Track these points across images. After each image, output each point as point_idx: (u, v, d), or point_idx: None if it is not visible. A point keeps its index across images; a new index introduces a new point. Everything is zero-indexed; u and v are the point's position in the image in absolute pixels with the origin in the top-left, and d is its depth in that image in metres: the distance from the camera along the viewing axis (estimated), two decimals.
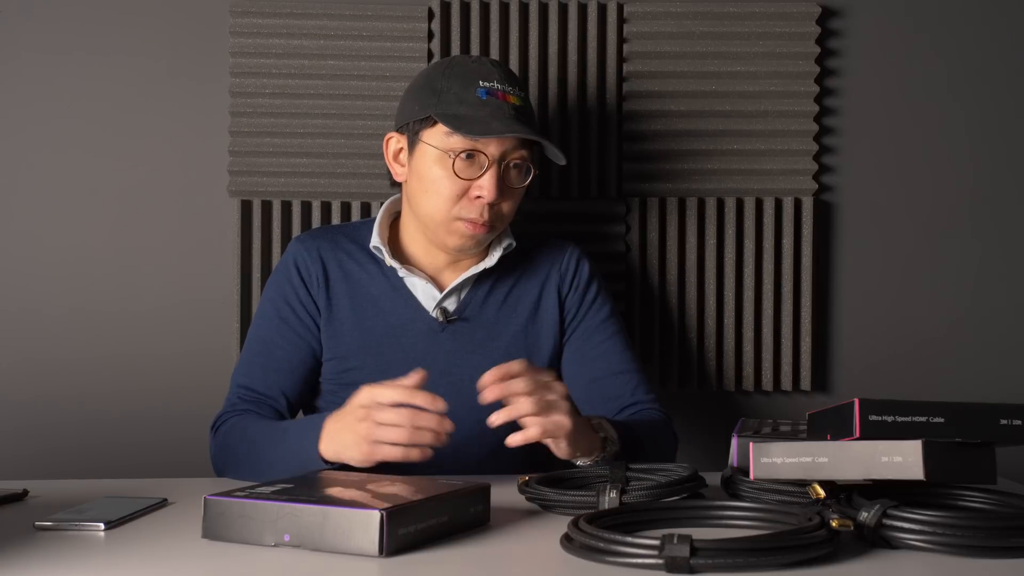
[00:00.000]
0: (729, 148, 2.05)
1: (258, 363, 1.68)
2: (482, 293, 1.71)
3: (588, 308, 1.75)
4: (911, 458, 1.14)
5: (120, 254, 2.02)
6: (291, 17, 2.00)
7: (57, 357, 2.01)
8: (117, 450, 2.00)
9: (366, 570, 1.05)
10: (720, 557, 1.01)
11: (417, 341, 1.68)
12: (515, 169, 1.63)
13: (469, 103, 1.59)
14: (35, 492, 1.42)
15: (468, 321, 1.70)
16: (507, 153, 1.60)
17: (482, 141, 1.58)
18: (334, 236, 1.74)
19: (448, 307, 1.69)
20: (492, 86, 1.61)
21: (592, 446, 1.46)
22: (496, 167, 1.59)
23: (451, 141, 1.59)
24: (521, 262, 1.74)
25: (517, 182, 1.64)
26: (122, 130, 2.02)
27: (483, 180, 1.60)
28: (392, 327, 1.68)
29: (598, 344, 1.73)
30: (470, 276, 1.69)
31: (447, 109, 1.60)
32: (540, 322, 1.73)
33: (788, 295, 2.06)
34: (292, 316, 1.69)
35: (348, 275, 1.70)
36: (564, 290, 1.75)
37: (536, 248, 1.77)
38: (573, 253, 1.78)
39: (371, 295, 1.69)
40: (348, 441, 1.38)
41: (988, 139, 2.11)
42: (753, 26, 2.05)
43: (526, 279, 1.74)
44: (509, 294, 1.73)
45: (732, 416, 2.03)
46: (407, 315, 1.69)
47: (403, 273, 1.68)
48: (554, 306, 1.74)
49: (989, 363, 2.11)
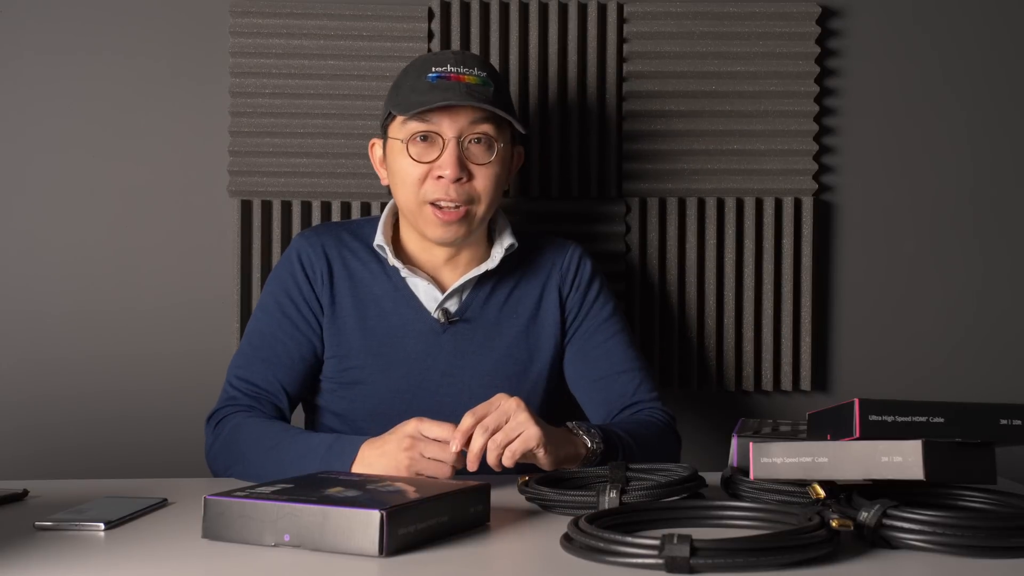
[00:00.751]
0: (729, 148, 2.05)
1: (259, 357, 1.67)
2: (484, 294, 1.71)
3: (590, 307, 1.75)
4: (911, 458, 1.14)
5: (120, 254, 2.02)
6: (291, 17, 2.00)
7: (57, 357, 2.01)
8: (117, 450, 2.00)
9: (366, 570, 1.05)
10: (720, 557, 1.01)
11: (418, 342, 1.68)
12: (476, 144, 1.62)
13: (419, 89, 1.61)
14: (35, 492, 1.42)
15: (469, 322, 1.69)
16: (464, 130, 1.61)
17: (435, 121, 1.60)
18: (338, 233, 1.74)
19: (450, 308, 1.69)
20: (444, 70, 1.62)
21: (574, 451, 1.47)
22: (454, 144, 1.60)
23: (406, 128, 1.62)
24: (523, 263, 1.74)
25: (482, 158, 1.63)
26: (122, 130, 2.02)
27: (442, 159, 1.60)
28: (394, 327, 1.68)
29: (600, 343, 1.73)
30: (472, 277, 1.69)
31: (400, 99, 1.63)
32: (541, 323, 1.73)
33: (788, 295, 2.06)
34: (295, 311, 1.68)
35: (352, 273, 1.70)
36: (565, 290, 1.75)
37: (537, 248, 1.77)
38: (575, 252, 1.78)
39: (374, 294, 1.69)
40: (386, 466, 1.39)
41: (988, 139, 2.11)
42: (753, 26, 2.05)
43: (527, 280, 1.74)
44: (510, 295, 1.72)
45: (732, 416, 2.03)
46: (409, 316, 1.69)
47: (405, 273, 1.68)
48: (555, 306, 1.74)
49: (989, 363, 2.11)
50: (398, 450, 1.38)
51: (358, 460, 1.43)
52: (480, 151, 1.63)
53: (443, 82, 1.61)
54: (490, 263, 1.69)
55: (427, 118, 1.60)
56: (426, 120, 1.60)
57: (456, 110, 1.60)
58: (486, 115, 1.62)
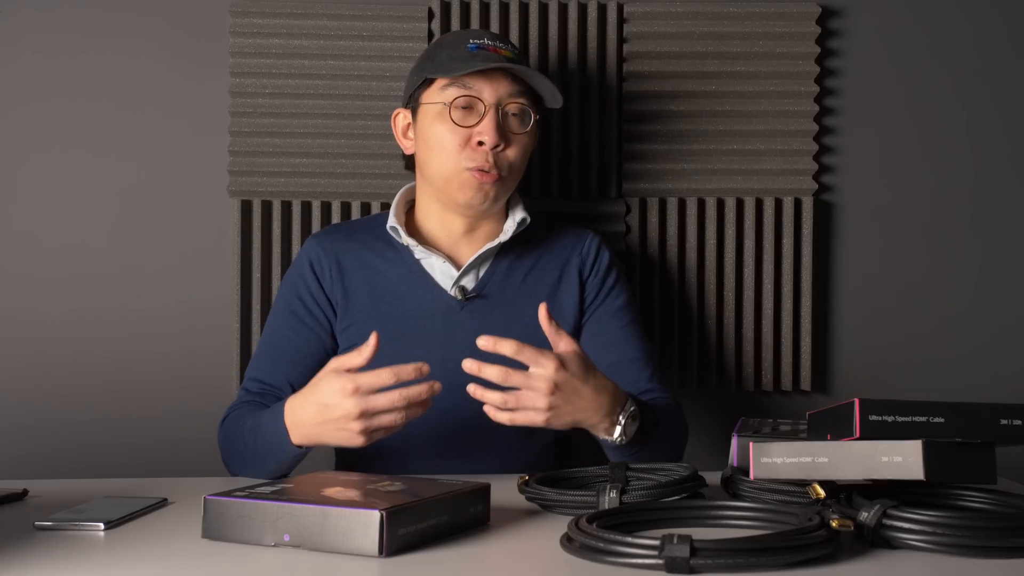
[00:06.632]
0: (729, 148, 2.05)
1: (267, 355, 1.70)
2: (501, 271, 1.73)
3: (607, 294, 1.76)
4: (911, 458, 1.14)
5: (120, 254, 2.02)
6: (291, 17, 2.00)
7: (57, 357, 2.01)
8: (117, 450, 2.00)
9: (366, 570, 1.05)
10: (720, 557, 1.01)
11: (436, 321, 1.69)
12: (514, 117, 1.66)
13: (459, 57, 1.64)
14: (35, 492, 1.42)
15: (487, 299, 1.71)
16: (503, 99, 1.64)
17: (476, 88, 1.63)
18: (349, 230, 1.78)
19: (467, 285, 1.70)
20: (483, 42, 1.67)
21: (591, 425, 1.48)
22: (494, 111, 1.63)
23: (446, 93, 1.64)
24: (541, 243, 1.77)
25: (518, 128, 1.67)
26: (122, 130, 2.02)
27: (482, 125, 1.63)
28: (410, 309, 1.70)
29: (616, 329, 1.74)
30: (487, 252, 1.71)
31: (439, 65, 1.66)
32: (559, 303, 1.74)
33: (788, 295, 2.06)
34: (302, 309, 1.71)
35: (364, 264, 1.72)
36: (585, 273, 1.77)
37: (556, 233, 1.80)
38: (594, 240, 1.80)
39: (388, 280, 1.71)
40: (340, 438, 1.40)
41: (988, 139, 2.11)
42: (753, 26, 2.05)
43: (546, 260, 1.76)
44: (529, 274, 1.74)
45: (732, 416, 2.03)
46: (425, 296, 1.70)
47: (420, 254, 1.70)
48: (575, 287, 1.75)
49: (989, 363, 2.11)
50: (346, 420, 1.38)
51: (293, 434, 1.45)
52: (516, 122, 1.67)
53: (483, 52, 1.65)
54: (503, 236, 1.71)
55: (468, 84, 1.63)
56: (467, 86, 1.63)
57: (496, 80, 1.64)
58: (524, 88, 1.66)
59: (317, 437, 1.44)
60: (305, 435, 1.45)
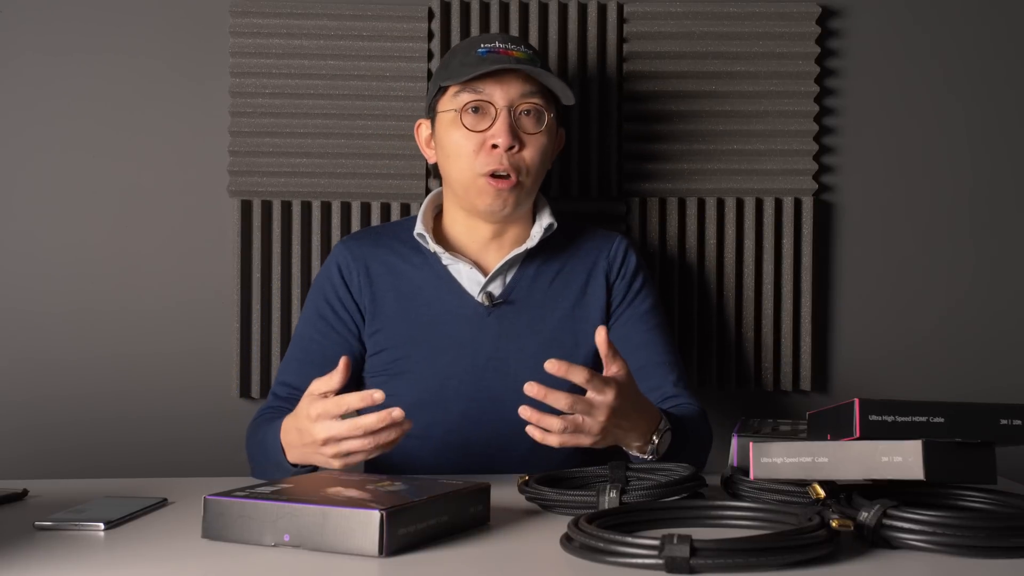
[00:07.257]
0: (729, 148, 2.05)
1: (296, 359, 1.71)
2: (528, 276, 1.72)
3: (635, 296, 1.76)
4: (911, 458, 1.14)
5: (120, 254, 2.02)
6: (291, 17, 2.00)
7: (57, 357, 2.01)
8: (117, 450, 2.00)
9: (366, 570, 1.05)
10: (720, 557, 1.01)
11: (463, 327, 1.69)
12: (527, 116, 1.65)
13: (470, 62, 1.64)
14: (35, 492, 1.42)
15: (514, 304, 1.70)
16: (515, 100, 1.64)
17: (487, 91, 1.62)
18: (377, 235, 1.78)
19: (493, 291, 1.70)
20: (493, 45, 1.66)
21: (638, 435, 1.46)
22: (506, 113, 1.63)
23: (458, 99, 1.64)
24: (567, 247, 1.76)
25: (533, 128, 1.66)
26: (122, 130, 2.02)
27: (494, 127, 1.63)
28: (437, 315, 1.69)
29: (643, 333, 1.73)
30: (514, 258, 1.70)
31: (451, 72, 1.66)
32: (587, 306, 1.73)
33: (788, 295, 2.06)
34: (330, 313, 1.71)
35: (392, 269, 1.72)
36: (612, 276, 1.76)
37: (583, 236, 1.80)
38: (622, 243, 1.80)
39: (416, 285, 1.71)
40: (319, 461, 1.41)
41: (988, 139, 2.11)
42: (753, 26, 2.05)
43: (573, 264, 1.75)
44: (555, 278, 1.74)
45: (732, 416, 2.03)
46: (452, 302, 1.70)
47: (447, 260, 1.70)
48: (602, 291, 1.75)
49: (989, 363, 2.11)
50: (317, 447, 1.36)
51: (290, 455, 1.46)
52: (530, 122, 1.66)
53: (493, 55, 1.64)
54: (530, 242, 1.71)
55: (479, 88, 1.63)
56: (478, 91, 1.63)
57: (507, 81, 1.63)
58: (536, 87, 1.65)
59: (305, 458, 1.43)
60: (296, 456, 1.45)
